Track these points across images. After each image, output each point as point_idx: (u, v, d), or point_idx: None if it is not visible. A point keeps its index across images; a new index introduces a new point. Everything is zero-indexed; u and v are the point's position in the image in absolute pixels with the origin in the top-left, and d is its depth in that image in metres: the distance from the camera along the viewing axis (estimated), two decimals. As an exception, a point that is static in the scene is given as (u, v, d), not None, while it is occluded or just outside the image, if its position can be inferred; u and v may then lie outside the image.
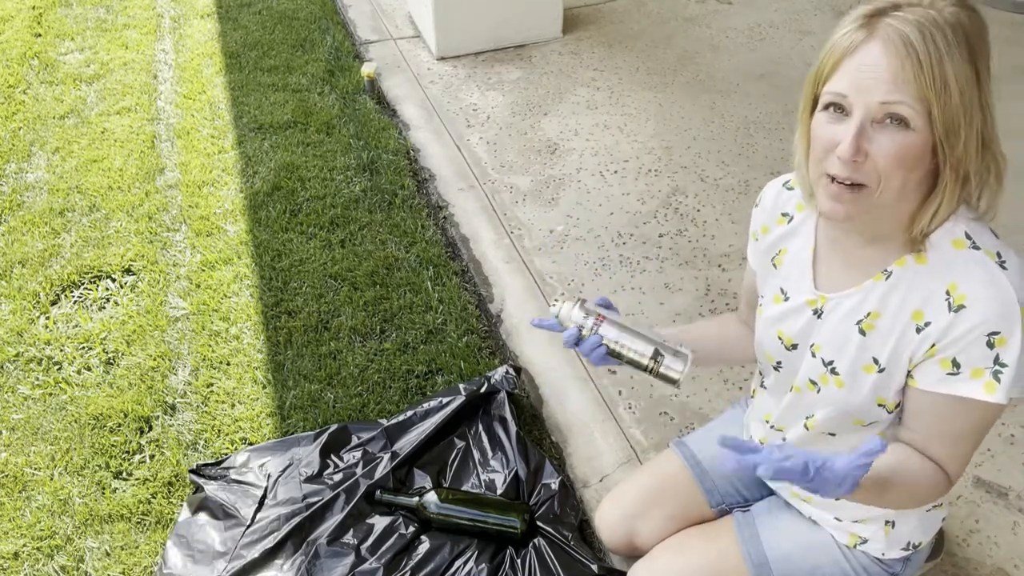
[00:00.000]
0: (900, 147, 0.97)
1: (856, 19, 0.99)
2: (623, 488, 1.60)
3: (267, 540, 1.73)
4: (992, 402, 1.02)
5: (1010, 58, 3.46)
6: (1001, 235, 1.10)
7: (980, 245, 1.02)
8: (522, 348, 2.23)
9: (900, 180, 1.00)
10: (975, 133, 0.98)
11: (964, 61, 0.95)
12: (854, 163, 0.99)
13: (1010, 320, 0.99)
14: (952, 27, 0.95)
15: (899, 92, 0.96)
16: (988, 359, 1.01)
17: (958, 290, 1.02)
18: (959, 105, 0.96)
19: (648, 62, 3.55)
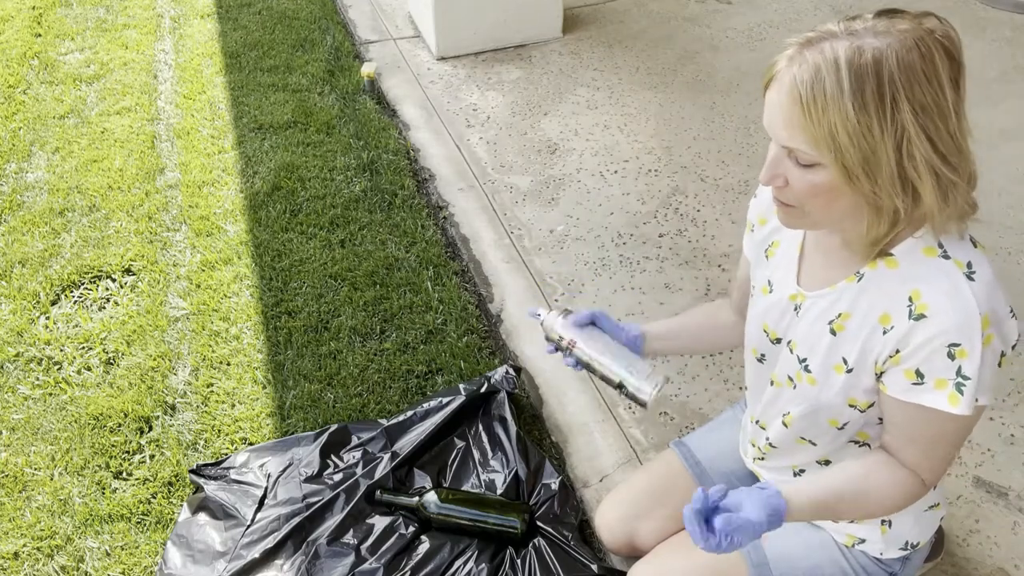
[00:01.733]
0: (809, 183, 0.99)
1: (787, 46, 1.00)
2: (623, 489, 1.60)
3: (267, 540, 1.73)
4: (954, 414, 1.02)
5: (1010, 58, 3.46)
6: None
7: (951, 255, 1.02)
8: (522, 348, 2.23)
9: (822, 207, 1.02)
10: (887, 170, 0.95)
11: (859, 108, 0.92)
12: (777, 187, 1.02)
13: (970, 332, 0.99)
14: (857, 69, 0.92)
15: (793, 139, 0.97)
16: (950, 370, 1.01)
17: (920, 298, 1.02)
18: (853, 150, 0.94)
19: (648, 62, 3.55)
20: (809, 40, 0.97)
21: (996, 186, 2.72)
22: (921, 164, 0.94)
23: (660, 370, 1.28)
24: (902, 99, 0.92)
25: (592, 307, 2.32)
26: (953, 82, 0.95)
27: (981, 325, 0.98)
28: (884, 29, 0.94)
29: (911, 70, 0.92)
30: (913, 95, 0.92)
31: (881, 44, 0.93)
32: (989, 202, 2.65)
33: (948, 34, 0.96)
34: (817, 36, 0.97)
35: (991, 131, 2.99)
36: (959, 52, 0.97)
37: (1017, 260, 2.41)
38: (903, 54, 0.92)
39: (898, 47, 0.93)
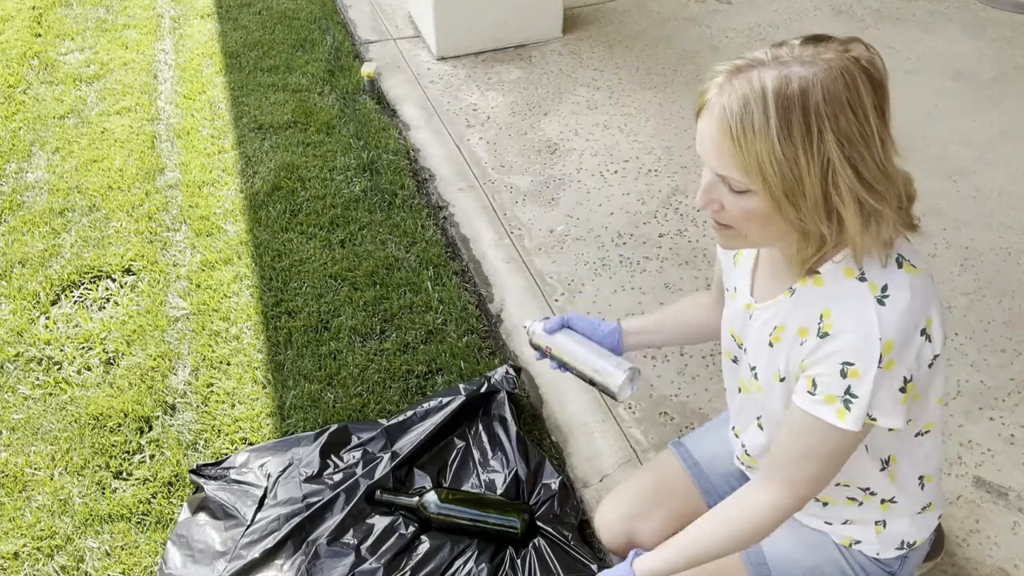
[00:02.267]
0: (742, 209, 1.02)
1: (716, 74, 1.01)
2: (622, 489, 1.60)
3: (267, 540, 1.73)
4: (842, 428, 1.03)
5: (1010, 58, 3.46)
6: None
7: (867, 277, 1.03)
8: (522, 348, 2.23)
9: (757, 230, 1.04)
10: (812, 199, 0.97)
11: (785, 137, 0.94)
12: (713, 211, 1.05)
13: (867, 355, 1.00)
14: (784, 99, 0.94)
15: (723, 167, 1.00)
16: (840, 388, 1.03)
17: (828, 318, 1.04)
18: (779, 178, 0.96)
19: (648, 62, 3.55)
20: (738, 68, 0.99)
21: (996, 186, 2.72)
22: (845, 193, 0.96)
23: (628, 363, 1.33)
24: (827, 130, 0.94)
25: (593, 306, 2.33)
26: (878, 109, 0.97)
27: (881, 350, 0.99)
28: (810, 58, 0.96)
29: (836, 100, 0.94)
30: (838, 126, 0.94)
31: (808, 73, 0.94)
32: (989, 202, 2.65)
33: (873, 61, 0.97)
34: (745, 64, 0.98)
35: (991, 131, 2.99)
36: (884, 79, 0.98)
37: (1017, 260, 2.41)
38: (828, 84, 0.94)
39: (823, 77, 0.94)
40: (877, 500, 1.22)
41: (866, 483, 1.21)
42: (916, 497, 1.24)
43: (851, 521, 1.27)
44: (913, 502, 1.24)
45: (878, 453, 1.17)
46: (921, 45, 3.59)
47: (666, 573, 1.19)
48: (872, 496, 1.22)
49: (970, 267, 2.40)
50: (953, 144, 2.94)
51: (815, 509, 1.29)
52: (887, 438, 1.15)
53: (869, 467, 1.19)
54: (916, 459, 1.20)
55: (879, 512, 1.24)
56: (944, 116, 3.09)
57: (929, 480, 1.24)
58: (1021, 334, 2.18)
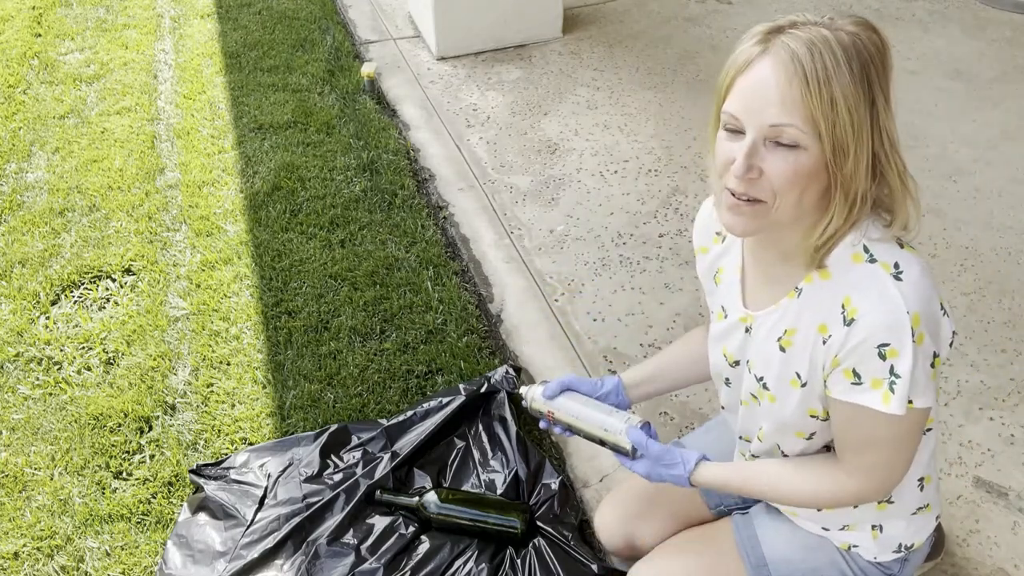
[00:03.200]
0: (792, 167, 0.99)
1: (753, 35, 1.01)
2: (622, 490, 1.60)
3: (267, 540, 1.73)
4: (889, 413, 1.03)
5: (1010, 58, 3.46)
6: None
7: (877, 258, 1.03)
8: (522, 348, 2.23)
9: (795, 197, 1.02)
10: (865, 154, 0.98)
11: (854, 82, 0.95)
12: (749, 180, 1.01)
13: (899, 331, 1.00)
14: (844, 48, 0.95)
15: (787, 115, 0.97)
16: (884, 370, 1.02)
17: (851, 303, 1.03)
18: (848, 124, 0.96)
19: (648, 62, 3.55)
20: (778, 27, 1.00)
21: (996, 186, 2.72)
22: (890, 150, 0.99)
23: (636, 417, 1.32)
24: (876, 83, 0.97)
25: (593, 306, 2.33)
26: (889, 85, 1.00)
27: (911, 323, 0.99)
28: (842, 23, 0.98)
29: (880, 61, 0.98)
30: (882, 84, 0.98)
31: (854, 31, 0.97)
32: (989, 202, 2.65)
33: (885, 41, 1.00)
34: (786, 23, 1.00)
35: (991, 131, 2.99)
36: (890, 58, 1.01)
37: (1017, 260, 2.41)
38: (871, 46, 0.97)
39: (866, 39, 0.97)
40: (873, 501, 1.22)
41: None
42: (913, 498, 1.24)
43: (848, 526, 1.27)
44: (909, 503, 1.24)
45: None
46: (921, 45, 3.59)
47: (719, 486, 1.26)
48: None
49: (970, 267, 2.40)
50: (953, 144, 2.94)
51: (812, 513, 1.29)
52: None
53: None
54: (920, 460, 1.20)
55: (875, 515, 1.24)
56: (944, 116, 3.09)
57: (928, 481, 1.24)
58: (1021, 334, 2.18)
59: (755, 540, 1.35)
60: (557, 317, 2.31)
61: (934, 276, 1.05)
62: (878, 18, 3.79)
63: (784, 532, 1.34)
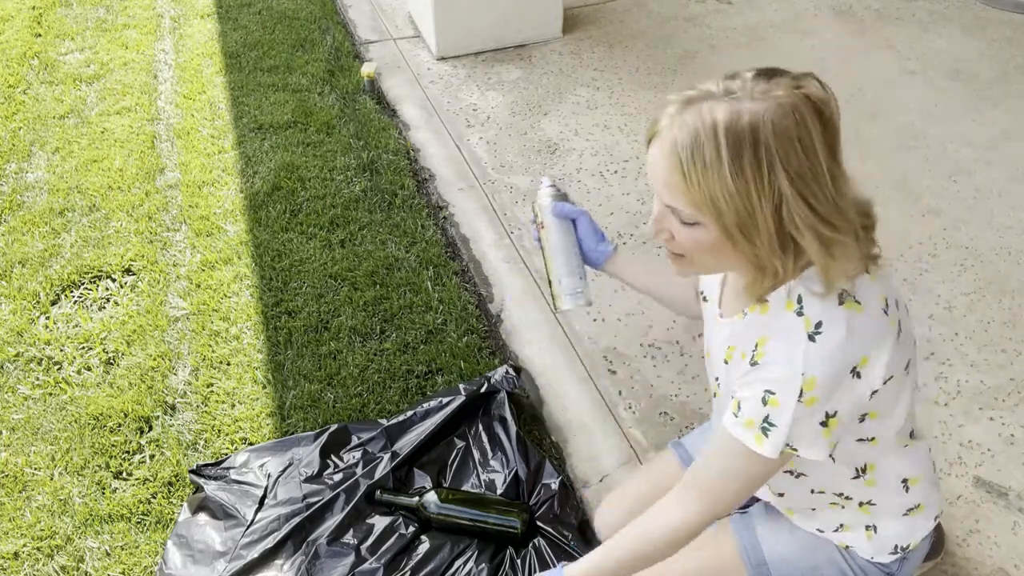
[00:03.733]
0: (693, 239, 1.03)
1: (674, 103, 1.01)
2: (621, 490, 1.60)
3: (267, 540, 1.73)
4: (758, 453, 1.05)
5: (1010, 58, 3.46)
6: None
7: (804, 311, 1.03)
8: (522, 348, 2.23)
9: (710, 260, 1.05)
10: (766, 233, 0.97)
11: (738, 173, 0.94)
12: (664, 240, 1.06)
13: (788, 387, 1.01)
14: (736, 134, 0.94)
15: (673, 199, 1.00)
16: (759, 415, 1.04)
17: (763, 346, 1.05)
18: (733, 214, 0.96)
19: (648, 62, 3.55)
20: (690, 99, 0.99)
21: (996, 186, 2.72)
22: (801, 225, 0.96)
23: (588, 294, 1.36)
24: (778, 165, 0.94)
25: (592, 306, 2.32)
26: (828, 147, 0.96)
27: (802, 385, 1.00)
28: (761, 94, 0.96)
29: (786, 137, 0.94)
30: (788, 162, 0.94)
31: (759, 109, 0.94)
32: (989, 202, 2.65)
33: (825, 100, 0.97)
34: (697, 95, 0.98)
35: (991, 131, 2.99)
36: (835, 116, 0.98)
37: (1017, 260, 2.41)
38: (779, 120, 0.94)
39: (774, 114, 0.94)
40: (855, 503, 1.22)
41: (839, 489, 1.21)
42: (899, 499, 1.23)
43: (843, 527, 1.27)
44: (896, 504, 1.24)
45: (851, 462, 1.18)
46: (921, 45, 3.59)
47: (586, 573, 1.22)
48: (849, 500, 1.22)
49: (970, 267, 2.40)
50: (953, 144, 2.94)
51: (806, 516, 1.30)
52: (860, 448, 1.15)
53: (842, 475, 1.19)
54: (899, 464, 1.20)
55: (861, 515, 1.24)
56: (944, 116, 3.09)
57: (915, 482, 1.23)
58: (1021, 334, 2.18)
59: (754, 539, 1.35)
60: (557, 317, 2.31)
61: (871, 335, 1.03)
62: (878, 18, 3.79)
63: (783, 531, 1.34)
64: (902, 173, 2.80)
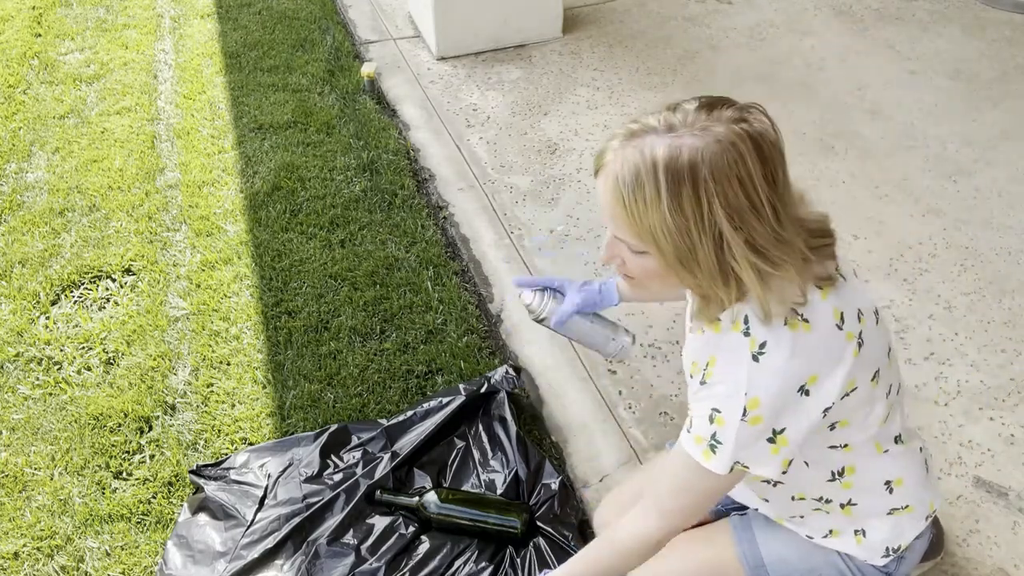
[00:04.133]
0: (640, 267, 1.06)
1: (617, 136, 1.02)
2: (621, 490, 1.61)
3: (267, 540, 1.73)
4: (708, 468, 1.07)
5: (1010, 58, 3.46)
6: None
7: (750, 332, 1.04)
8: (522, 348, 2.23)
9: (657, 285, 1.09)
10: (706, 265, 0.99)
11: (677, 209, 0.96)
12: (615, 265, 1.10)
13: (732, 407, 1.03)
14: (675, 172, 0.95)
15: (619, 230, 1.04)
16: (707, 432, 1.06)
17: (712, 366, 1.08)
18: (674, 248, 0.99)
19: (648, 62, 3.55)
20: (632, 133, 1.00)
21: (996, 186, 2.72)
22: (741, 259, 0.98)
23: (628, 341, 1.43)
24: (716, 202, 0.95)
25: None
26: (768, 180, 0.97)
27: (745, 404, 1.02)
28: (701, 129, 0.96)
29: (723, 174, 0.95)
30: (726, 199, 0.95)
31: (698, 144, 0.95)
32: (989, 202, 2.65)
33: (763, 132, 0.97)
34: (640, 129, 1.00)
35: (991, 131, 2.99)
36: (775, 149, 0.98)
37: (1017, 260, 2.41)
38: (717, 158, 0.95)
39: (713, 151, 0.95)
40: (836, 505, 1.23)
41: (818, 493, 1.22)
42: (883, 500, 1.23)
43: (832, 532, 1.27)
44: (878, 505, 1.23)
45: (826, 466, 1.18)
46: (921, 45, 3.59)
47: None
48: (829, 503, 1.22)
49: (970, 267, 2.40)
50: (953, 144, 2.94)
51: (795, 523, 1.30)
52: (834, 454, 1.16)
53: (818, 479, 1.20)
54: (878, 467, 1.20)
55: (846, 517, 1.24)
56: (944, 116, 3.09)
57: (900, 483, 1.23)
58: (1021, 334, 2.18)
59: (753, 541, 1.35)
60: (557, 317, 2.31)
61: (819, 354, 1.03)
62: (878, 18, 3.79)
63: (782, 532, 1.34)
64: (902, 173, 2.80)
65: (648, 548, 1.18)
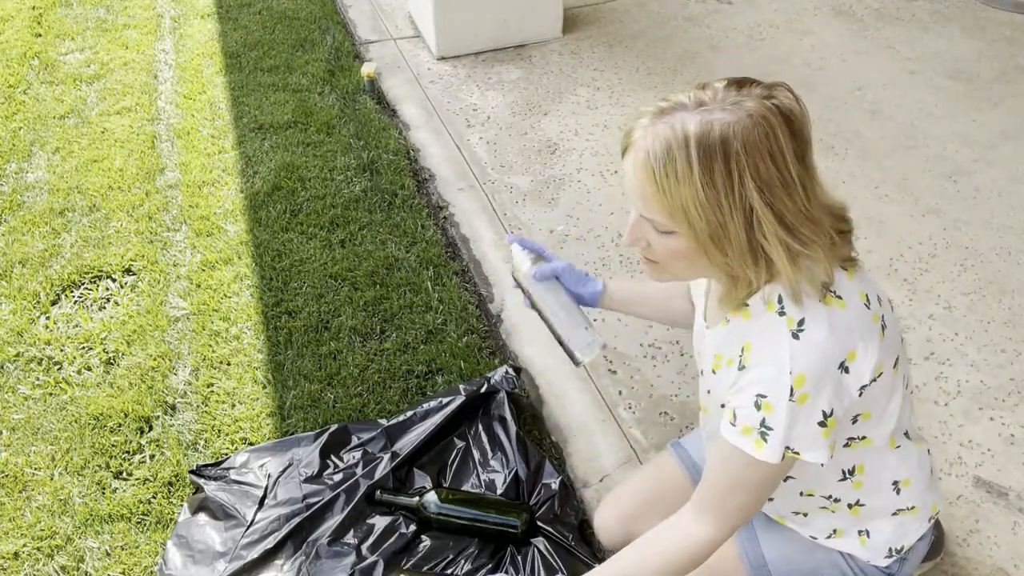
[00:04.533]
0: (667, 248, 1.04)
1: (646, 114, 1.01)
2: (621, 490, 1.61)
3: (267, 540, 1.73)
4: (761, 459, 1.05)
5: (1010, 58, 3.46)
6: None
7: (786, 311, 1.03)
8: (522, 348, 2.23)
9: (682, 268, 1.07)
10: (736, 243, 0.99)
11: (710, 184, 0.95)
12: (640, 248, 1.08)
13: (778, 388, 1.01)
14: (707, 146, 0.95)
15: (648, 209, 1.02)
16: (756, 420, 1.04)
17: (748, 351, 1.06)
18: (705, 224, 0.98)
19: (648, 62, 3.55)
20: (662, 111, 1.00)
21: (996, 186, 2.72)
22: (771, 236, 0.97)
23: (599, 340, 1.36)
24: (747, 177, 0.95)
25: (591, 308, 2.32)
26: (798, 156, 0.97)
27: (792, 383, 1.00)
28: (732, 104, 0.97)
29: (755, 148, 0.95)
30: (758, 173, 0.95)
31: (729, 120, 0.95)
32: (989, 202, 2.65)
33: (793, 109, 0.98)
34: (669, 107, 0.99)
35: (991, 131, 2.99)
36: (804, 127, 0.99)
37: (1017, 260, 2.41)
38: (749, 132, 0.95)
39: (744, 124, 0.95)
40: (844, 505, 1.22)
41: (827, 491, 1.21)
42: (889, 501, 1.23)
43: (836, 532, 1.27)
44: (885, 505, 1.23)
45: (839, 464, 1.18)
46: (921, 45, 3.59)
47: None
48: (837, 503, 1.22)
49: (970, 267, 2.40)
50: (953, 144, 2.94)
51: (798, 523, 1.30)
52: (850, 451, 1.16)
53: (829, 477, 1.19)
54: (889, 466, 1.20)
55: (852, 517, 1.24)
56: (944, 116, 3.09)
57: (907, 484, 1.23)
58: (1021, 334, 2.18)
59: (755, 540, 1.35)
60: (557, 317, 2.31)
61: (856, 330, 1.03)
62: (878, 18, 3.79)
63: (784, 533, 1.34)
64: (902, 173, 2.80)
65: (706, 552, 1.14)
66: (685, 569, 1.16)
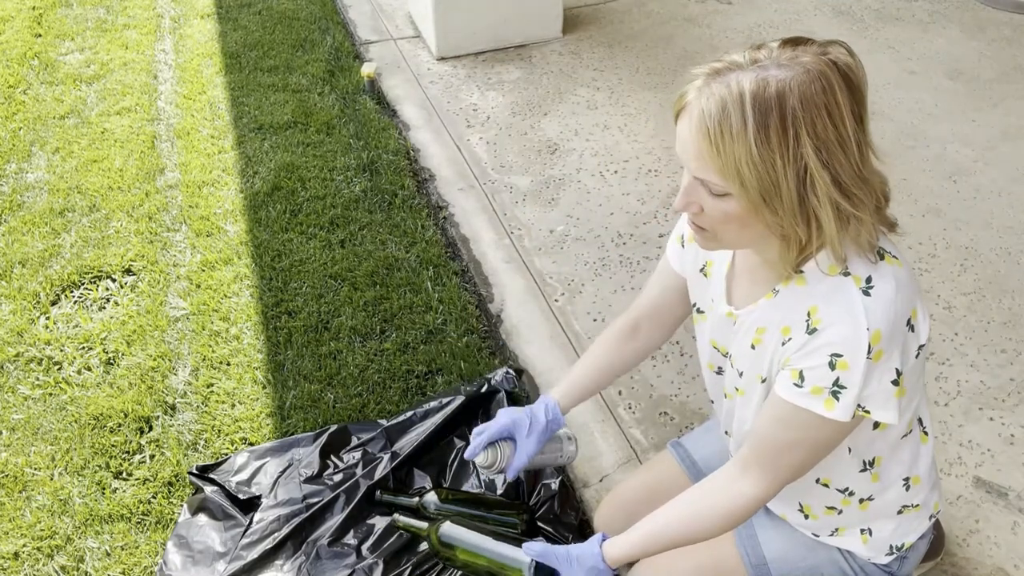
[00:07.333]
0: (721, 212, 1.02)
1: (699, 75, 1.00)
2: (621, 490, 1.60)
3: (267, 541, 1.73)
4: (830, 418, 1.04)
5: (1010, 58, 3.46)
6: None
7: (851, 271, 1.03)
8: (522, 348, 2.23)
9: (734, 233, 1.05)
10: (788, 203, 0.97)
11: (764, 141, 0.94)
12: (692, 213, 1.06)
13: (855, 345, 1.00)
14: (762, 102, 0.93)
15: (703, 170, 1.00)
16: (828, 380, 1.03)
17: (816, 313, 1.04)
18: (757, 181, 0.96)
19: (648, 62, 3.55)
20: (716, 71, 0.98)
21: (996, 186, 2.72)
22: (822, 196, 0.96)
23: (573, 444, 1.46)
24: (803, 133, 0.94)
25: (593, 306, 2.32)
26: (855, 114, 0.96)
27: (869, 340, 0.99)
28: (788, 61, 0.95)
29: (812, 104, 0.93)
30: (814, 130, 0.94)
31: (785, 76, 0.94)
32: (989, 202, 2.65)
33: (851, 65, 0.96)
34: (724, 67, 0.98)
35: (991, 131, 2.99)
36: (862, 83, 0.97)
37: (1017, 260, 2.41)
38: (805, 88, 0.93)
39: (801, 80, 0.93)
40: (856, 500, 1.22)
41: (845, 483, 1.21)
42: (898, 498, 1.23)
43: (838, 531, 1.27)
44: (893, 502, 1.23)
45: (861, 455, 1.17)
46: (921, 45, 3.59)
47: (636, 556, 1.20)
48: (851, 497, 1.22)
49: (970, 267, 2.40)
50: (953, 144, 2.94)
51: (799, 520, 1.30)
52: (873, 439, 1.15)
53: (850, 468, 1.19)
54: (903, 460, 1.20)
55: (860, 516, 1.24)
56: (944, 116, 3.09)
57: (916, 481, 1.23)
58: (1021, 334, 2.18)
59: (755, 539, 1.35)
60: (557, 317, 2.31)
61: (914, 288, 1.04)
62: (878, 18, 3.79)
63: (784, 531, 1.34)
64: (902, 173, 2.80)
65: (749, 512, 1.14)
66: (724, 526, 1.16)
